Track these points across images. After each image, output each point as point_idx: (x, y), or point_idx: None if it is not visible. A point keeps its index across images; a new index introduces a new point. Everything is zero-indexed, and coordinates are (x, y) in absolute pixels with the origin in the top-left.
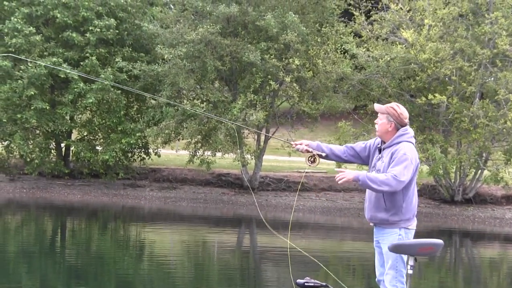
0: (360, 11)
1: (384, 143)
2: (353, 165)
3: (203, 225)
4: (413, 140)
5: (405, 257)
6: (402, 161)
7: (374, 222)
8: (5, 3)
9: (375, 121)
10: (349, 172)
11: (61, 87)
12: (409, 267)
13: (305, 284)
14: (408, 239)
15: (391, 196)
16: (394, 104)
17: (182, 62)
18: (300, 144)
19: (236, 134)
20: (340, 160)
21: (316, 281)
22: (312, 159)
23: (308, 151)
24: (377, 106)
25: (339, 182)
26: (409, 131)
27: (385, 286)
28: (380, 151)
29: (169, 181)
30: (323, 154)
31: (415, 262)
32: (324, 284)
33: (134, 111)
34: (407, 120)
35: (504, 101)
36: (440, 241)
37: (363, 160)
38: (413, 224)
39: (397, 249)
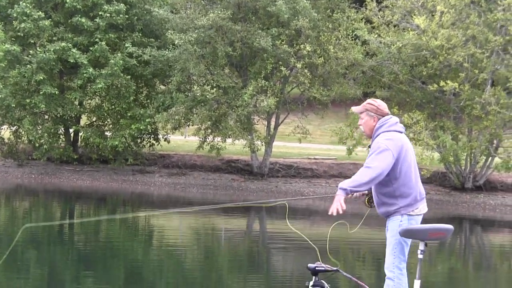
0: None
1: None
2: None
3: (213, 212)
4: (397, 127)
5: (406, 244)
6: (373, 152)
7: (382, 215)
8: None
9: (358, 123)
10: (335, 199)
11: (70, 72)
12: (419, 251)
13: (316, 268)
14: (411, 225)
15: (381, 190)
16: (369, 100)
17: (192, 47)
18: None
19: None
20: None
21: (327, 265)
22: (371, 201)
23: (363, 194)
24: (354, 108)
25: (340, 213)
26: (390, 119)
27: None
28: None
29: (178, 167)
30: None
31: (426, 247)
32: (335, 268)
33: (143, 97)
34: (387, 110)
35: None
36: (450, 226)
37: None
38: (417, 210)
39: (408, 233)
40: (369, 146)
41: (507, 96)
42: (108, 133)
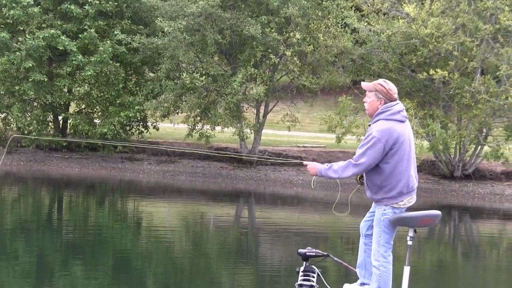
0: None
1: None
2: None
3: (202, 199)
4: (398, 116)
5: (392, 232)
6: (366, 143)
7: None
8: None
9: (364, 100)
10: (312, 167)
11: (59, 59)
12: (408, 238)
13: (307, 253)
14: (395, 214)
15: (369, 176)
16: (381, 80)
17: (182, 35)
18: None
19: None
20: None
21: (317, 250)
22: (362, 179)
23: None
24: (364, 84)
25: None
26: (394, 107)
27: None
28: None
29: (167, 154)
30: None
31: (415, 233)
32: (325, 253)
33: (132, 84)
34: (396, 96)
35: (505, 77)
36: (438, 212)
37: None
38: (402, 203)
39: (400, 221)
40: (369, 125)
41: (497, 84)
42: (97, 121)
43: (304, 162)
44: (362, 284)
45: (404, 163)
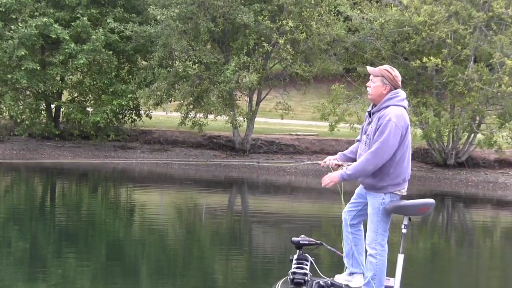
0: None
1: (375, 106)
2: None
3: (194, 188)
4: (404, 103)
5: (388, 220)
6: (385, 130)
7: (364, 186)
8: None
9: (367, 84)
10: (334, 176)
11: (51, 47)
12: (403, 226)
13: (300, 242)
14: (392, 202)
15: None
16: (387, 67)
17: (174, 23)
18: (329, 161)
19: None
20: None
21: (311, 239)
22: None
23: (338, 165)
24: (370, 69)
25: (327, 187)
26: (400, 94)
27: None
28: (370, 115)
29: (160, 143)
30: (351, 163)
31: (409, 221)
32: (319, 242)
33: (125, 73)
34: (400, 83)
35: (499, 64)
36: (433, 200)
37: None
38: (403, 190)
39: (397, 210)
40: (368, 112)
41: (490, 72)
42: (89, 109)
43: (320, 163)
44: (351, 273)
45: (409, 150)
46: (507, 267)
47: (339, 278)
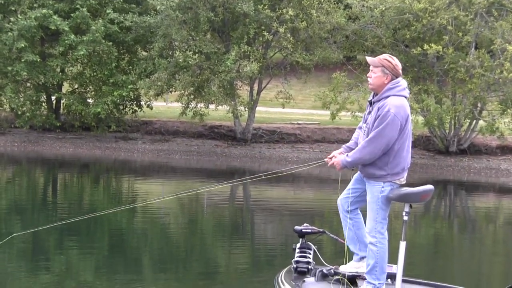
0: None
1: (376, 95)
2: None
3: (196, 178)
4: (405, 93)
5: (388, 208)
6: (383, 121)
7: (363, 174)
8: None
9: (368, 75)
10: (337, 161)
11: (51, 39)
12: (404, 213)
13: (303, 230)
14: (392, 191)
15: None
16: (387, 56)
17: (174, 13)
18: (335, 157)
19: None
20: None
21: (313, 227)
22: None
23: None
24: (369, 59)
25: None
26: (401, 83)
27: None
28: (371, 104)
29: (161, 133)
30: None
31: (410, 208)
32: (321, 230)
33: (125, 63)
34: (400, 72)
35: (500, 50)
36: (432, 186)
37: None
38: (402, 179)
39: (401, 198)
40: (369, 101)
41: (491, 58)
42: (90, 100)
43: (325, 159)
44: (361, 258)
45: (409, 139)
46: (510, 252)
47: (346, 269)
